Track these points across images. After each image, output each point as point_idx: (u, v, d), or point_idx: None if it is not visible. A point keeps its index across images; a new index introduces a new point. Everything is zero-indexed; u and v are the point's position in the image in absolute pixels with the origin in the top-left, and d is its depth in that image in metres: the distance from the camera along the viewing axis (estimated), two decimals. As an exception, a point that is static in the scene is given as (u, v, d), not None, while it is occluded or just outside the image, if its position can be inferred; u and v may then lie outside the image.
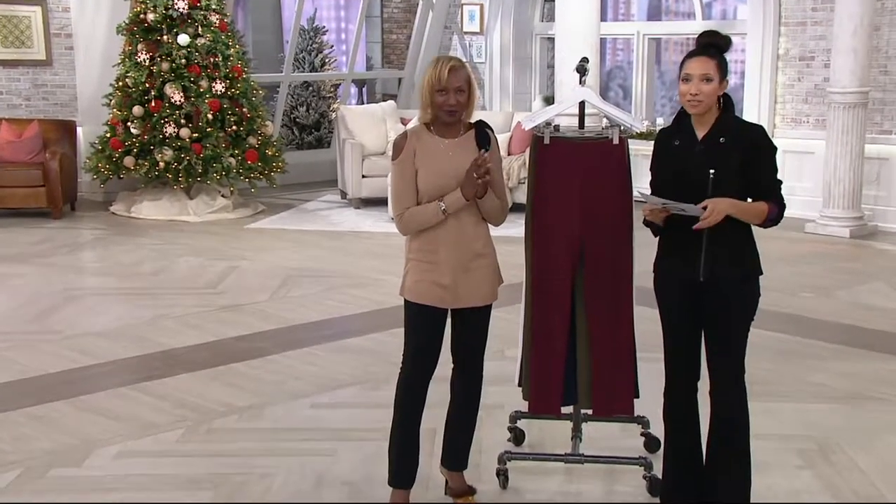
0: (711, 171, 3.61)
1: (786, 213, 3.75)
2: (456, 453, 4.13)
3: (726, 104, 3.72)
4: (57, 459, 4.54)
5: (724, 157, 3.62)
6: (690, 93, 3.62)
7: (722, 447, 3.80)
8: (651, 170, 3.85)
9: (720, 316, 3.72)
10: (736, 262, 3.69)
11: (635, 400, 4.27)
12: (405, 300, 3.91)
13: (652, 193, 3.73)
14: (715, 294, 3.69)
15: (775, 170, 3.70)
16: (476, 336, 3.99)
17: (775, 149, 3.74)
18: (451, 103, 3.75)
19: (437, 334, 3.91)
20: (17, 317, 6.96)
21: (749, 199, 3.69)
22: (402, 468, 4.03)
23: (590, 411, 4.35)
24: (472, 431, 4.13)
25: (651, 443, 4.57)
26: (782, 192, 3.71)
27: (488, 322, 4.01)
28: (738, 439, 3.78)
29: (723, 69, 3.65)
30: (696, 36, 3.80)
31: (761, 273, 3.77)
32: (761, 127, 3.79)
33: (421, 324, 3.89)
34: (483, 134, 3.88)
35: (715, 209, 3.54)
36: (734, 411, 3.77)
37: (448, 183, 3.79)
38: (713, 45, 3.68)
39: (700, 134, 3.69)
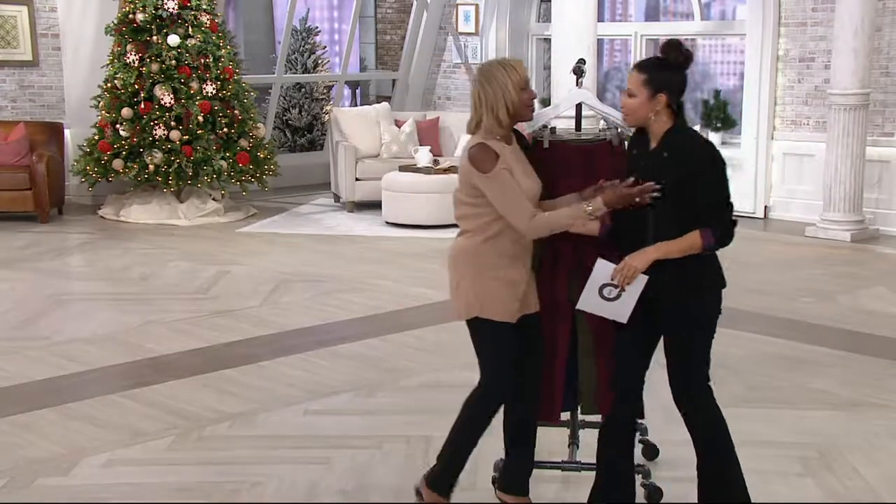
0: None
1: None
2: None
3: (681, 118, 3.64)
4: (43, 469, 4.47)
5: (664, 173, 3.57)
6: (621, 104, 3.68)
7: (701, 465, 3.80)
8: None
9: (666, 334, 3.71)
10: (679, 282, 3.62)
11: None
12: (490, 320, 3.79)
13: None
14: (662, 312, 3.67)
15: (719, 191, 3.58)
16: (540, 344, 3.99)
17: (720, 169, 3.59)
18: (535, 94, 3.78)
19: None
20: (2, 323, 6.88)
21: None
22: (517, 473, 4.06)
23: (587, 417, 4.29)
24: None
25: (649, 450, 4.54)
26: (728, 211, 3.59)
27: None
28: (709, 455, 3.78)
29: (653, 84, 3.58)
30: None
31: (713, 290, 3.69)
32: (708, 146, 3.65)
33: (510, 341, 3.83)
34: (519, 135, 3.89)
35: (626, 266, 3.56)
36: (696, 428, 3.75)
37: (535, 186, 3.78)
38: (646, 60, 3.67)
39: (652, 146, 3.66)
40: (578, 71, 4.20)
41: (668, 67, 3.60)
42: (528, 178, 3.76)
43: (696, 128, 11.35)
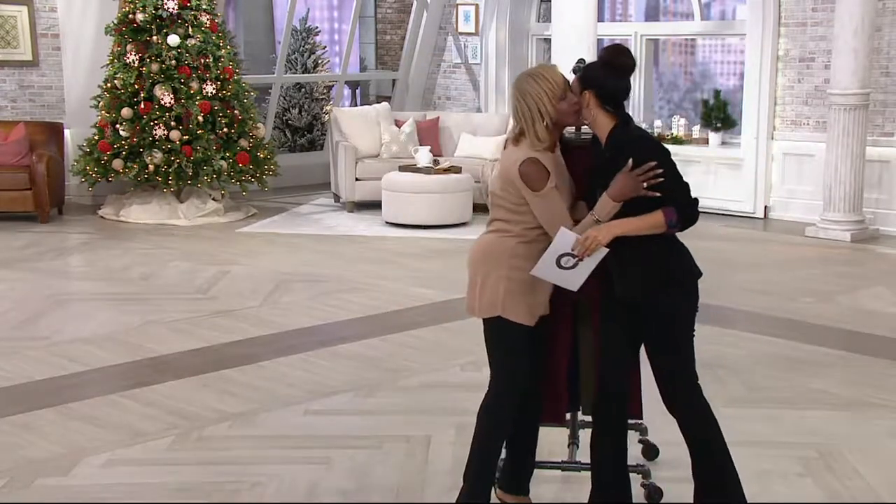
0: (600, 189, 3.61)
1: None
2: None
3: (623, 119, 3.65)
4: (43, 469, 4.46)
5: (611, 173, 3.57)
6: None
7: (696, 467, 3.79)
8: None
9: (645, 331, 3.71)
10: (644, 277, 3.63)
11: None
12: (510, 321, 3.77)
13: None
14: (638, 310, 3.68)
15: (671, 174, 3.56)
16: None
17: (665, 155, 3.58)
18: (576, 98, 3.67)
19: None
20: (2, 323, 6.87)
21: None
22: (517, 474, 4.06)
23: (588, 417, 4.26)
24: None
25: (649, 450, 4.54)
26: (687, 191, 3.59)
27: None
28: (704, 457, 3.78)
29: (582, 82, 3.64)
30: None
31: (684, 282, 3.69)
32: (646, 138, 3.69)
33: (527, 345, 3.81)
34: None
35: (589, 238, 3.52)
36: (690, 430, 3.74)
37: (571, 191, 3.77)
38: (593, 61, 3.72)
39: (602, 148, 3.69)
40: (578, 71, 4.19)
41: (602, 68, 3.61)
42: (565, 185, 3.75)
43: (696, 128, 11.39)
